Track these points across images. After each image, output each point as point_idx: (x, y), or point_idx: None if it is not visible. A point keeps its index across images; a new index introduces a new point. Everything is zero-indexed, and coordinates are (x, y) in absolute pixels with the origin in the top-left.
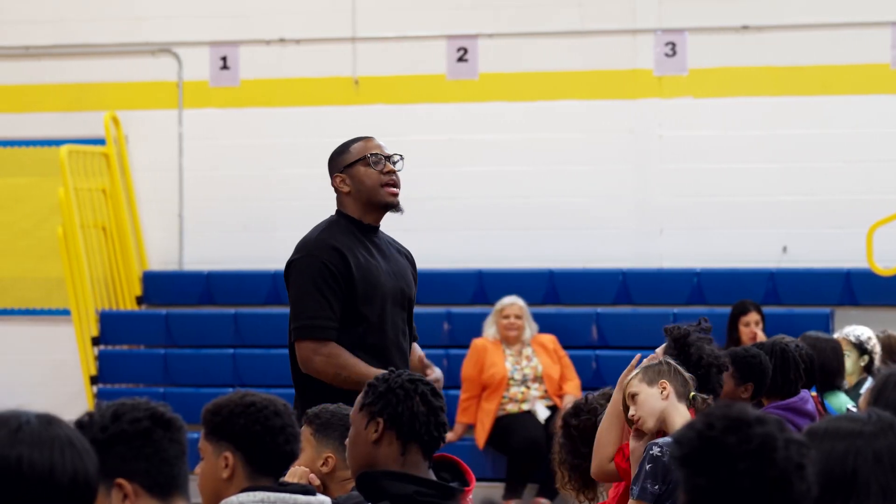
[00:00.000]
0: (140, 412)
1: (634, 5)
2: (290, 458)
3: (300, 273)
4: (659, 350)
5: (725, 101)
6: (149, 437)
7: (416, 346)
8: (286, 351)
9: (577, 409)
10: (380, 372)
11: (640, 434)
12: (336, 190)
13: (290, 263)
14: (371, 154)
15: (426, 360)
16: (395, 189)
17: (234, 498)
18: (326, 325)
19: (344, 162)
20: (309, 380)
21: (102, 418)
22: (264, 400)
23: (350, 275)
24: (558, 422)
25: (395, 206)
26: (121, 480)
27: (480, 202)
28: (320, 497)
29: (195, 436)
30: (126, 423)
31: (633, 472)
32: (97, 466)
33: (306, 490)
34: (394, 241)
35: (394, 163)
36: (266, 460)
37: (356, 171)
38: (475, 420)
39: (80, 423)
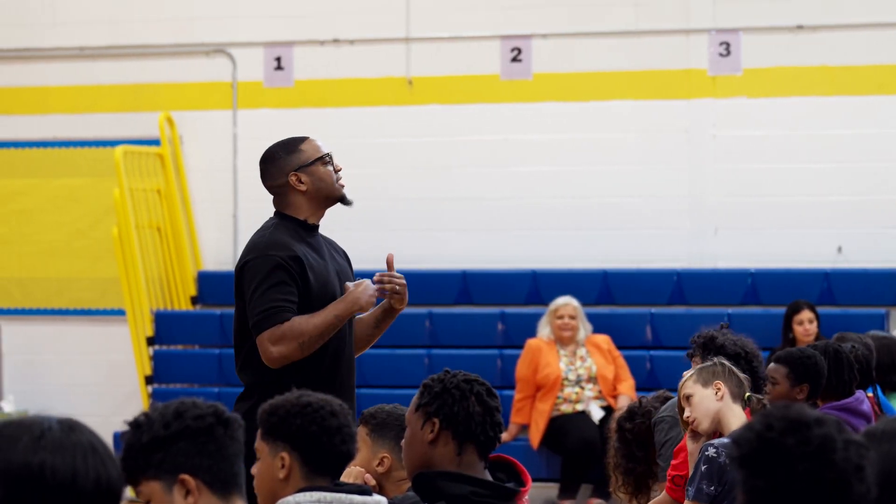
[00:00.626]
0: (203, 409)
1: (689, 5)
2: (347, 458)
3: (255, 272)
4: (687, 374)
5: (780, 101)
6: (211, 433)
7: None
8: None
9: (631, 412)
10: (328, 310)
11: (695, 435)
12: (282, 189)
13: (243, 265)
14: (327, 154)
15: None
16: (343, 184)
17: (290, 498)
18: (282, 307)
19: (300, 161)
20: (244, 375)
21: (164, 416)
22: (321, 400)
23: (305, 275)
24: (613, 425)
25: (346, 199)
26: (185, 476)
27: (534, 202)
28: (376, 497)
29: None
30: (190, 419)
31: (689, 472)
32: (120, 472)
33: (362, 490)
34: (329, 240)
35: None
36: (322, 460)
37: (315, 170)
38: (529, 420)
39: (135, 423)
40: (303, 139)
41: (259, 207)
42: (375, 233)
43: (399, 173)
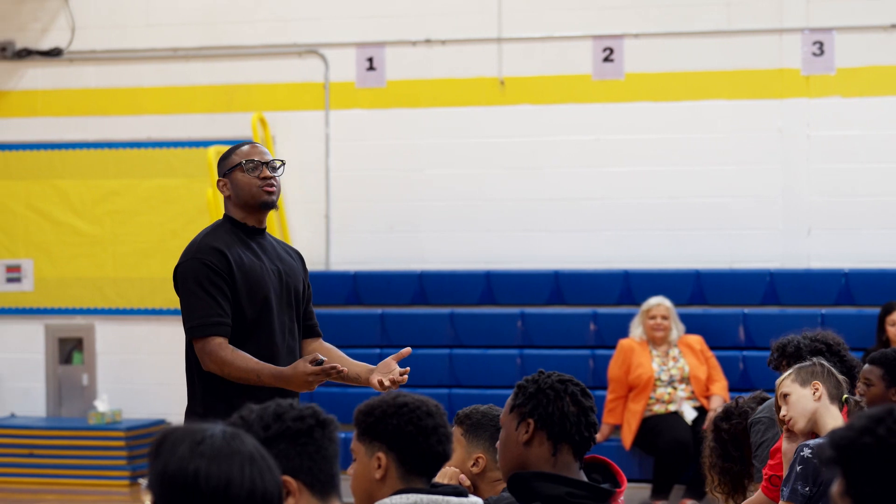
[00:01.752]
0: (302, 411)
1: (782, 5)
2: (443, 458)
3: (185, 278)
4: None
5: (874, 100)
6: (311, 435)
7: (326, 344)
8: (432, 350)
9: (727, 412)
10: (259, 370)
11: (791, 435)
12: (220, 192)
13: (175, 270)
14: (247, 161)
15: (359, 364)
16: (271, 189)
17: (386, 500)
18: (213, 321)
19: (225, 167)
20: (199, 377)
21: (263, 418)
22: (417, 400)
23: (232, 274)
24: (709, 426)
25: (269, 205)
26: (286, 478)
27: (627, 202)
28: (472, 498)
29: (343, 436)
30: (290, 421)
31: (784, 473)
32: (279, 484)
33: (458, 491)
34: (282, 242)
35: (273, 168)
36: (419, 461)
37: (234, 177)
38: (622, 421)
39: (231, 426)
40: (241, 144)
41: (351, 207)
42: (468, 233)
43: (491, 174)
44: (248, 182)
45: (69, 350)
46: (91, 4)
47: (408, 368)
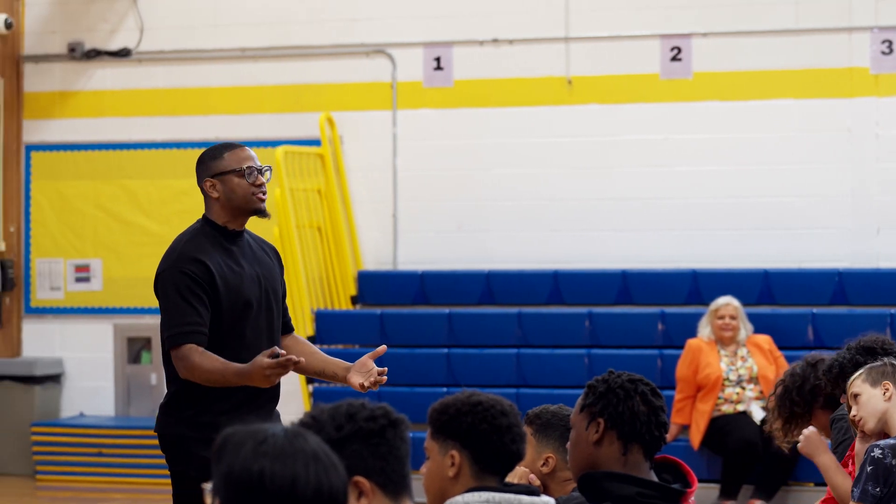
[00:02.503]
0: (373, 411)
1: (851, 3)
2: (517, 457)
3: (165, 285)
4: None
5: None
6: (383, 435)
7: (300, 338)
8: (501, 350)
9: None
10: (223, 369)
11: (864, 436)
12: (204, 193)
13: (157, 276)
14: (246, 167)
15: (330, 359)
16: (264, 195)
17: (459, 498)
18: (188, 329)
19: (217, 168)
20: (178, 384)
21: (335, 418)
22: (490, 399)
23: (213, 283)
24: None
25: (262, 212)
26: (359, 478)
27: (695, 202)
28: (544, 498)
29: (413, 435)
30: (361, 421)
31: (856, 473)
32: (345, 481)
33: (531, 491)
34: (258, 238)
35: (264, 175)
36: (492, 459)
37: (228, 180)
38: (690, 421)
39: (303, 426)
40: (231, 147)
41: (418, 207)
42: (535, 233)
43: (558, 173)
44: (243, 187)
45: (138, 349)
46: (160, 5)
47: (385, 368)
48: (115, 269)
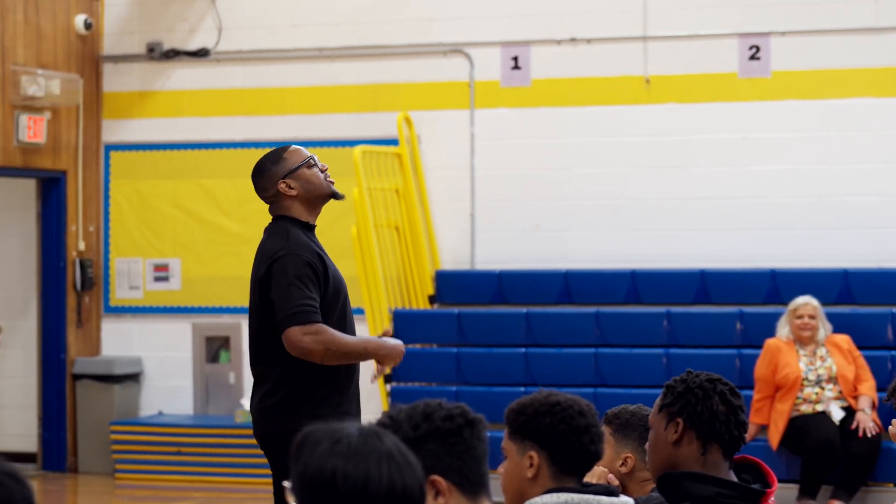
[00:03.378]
0: (451, 411)
1: None
2: (595, 457)
3: (284, 269)
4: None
5: None
6: (460, 434)
7: None
8: (579, 350)
9: None
10: (365, 341)
11: None
12: (276, 196)
13: (273, 262)
14: (311, 157)
15: None
16: (332, 181)
17: (538, 499)
18: (311, 309)
19: (286, 168)
20: (284, 368)
21: (412, 417)
22: (568, 399)
23: (326, 274)
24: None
25: (337, 194)
26: (436, 477)
27: (773, 201)
28: (623, 498)
29: (491, 435)
30: (438, 420)
31: None
32: (421, 480)
33: (610, 491)
34: None
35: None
36: (570, 460)
37: (301, 174)
38: (769, 421)
39: (381, 425)
40: (285, 148)
41: (496, 207)
42: (613, 232)
43: (636, 173)
44: (317, 175)
45: (216, 349)
46: (238, 5)
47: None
48: (194, 269)
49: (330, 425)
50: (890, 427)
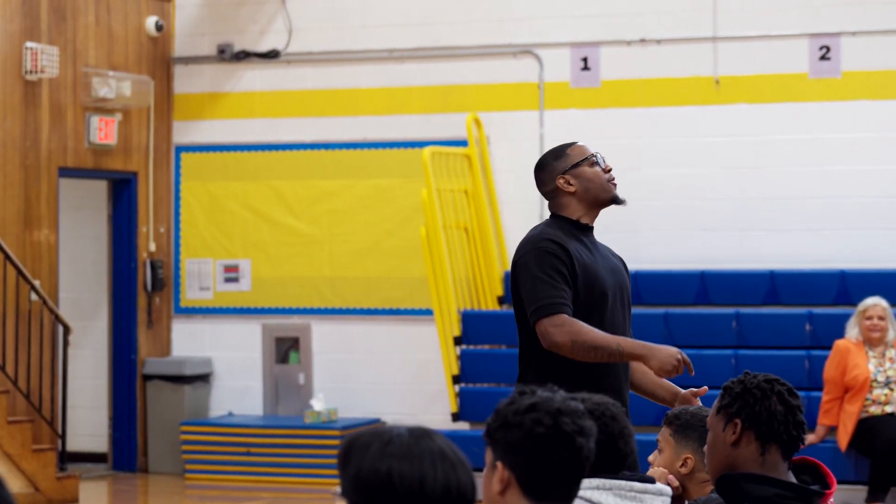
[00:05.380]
0: (547, 418)
1: None
2: (625, 458)
3: (528, 265)
4: None
5: None
6: (539, 442)
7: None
8: None
9: None
10: (621, 339)
11: None
12: (554, 193)
13: (514, 262)
14: (593, 155)
15: (662, 381)
16: (615, 183)
17: None
18: (558, 301)
19: (567, 163)
20: (532, 364)
21: (522, 404)
22: (600, 403)
23: (573, 266)
24: None
25: (618, 199)
26: (500, 463)
27: (845, 201)
28: (658, 485)
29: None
30: (529, 419)
31: None
32: (472, 478)
33: (643, 478)
34: (605, 245)
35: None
36: (605, 464)
37: (582, 171)
38: (837, 422)
39: (520, 392)
40: (570, 144)
41: None
42: (684, 232)
43: (707, 173)
44: (598, 175)
45: (286, 349)
46: (308, 6)
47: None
48: (264, 270)
49: (376, 428)
50: None
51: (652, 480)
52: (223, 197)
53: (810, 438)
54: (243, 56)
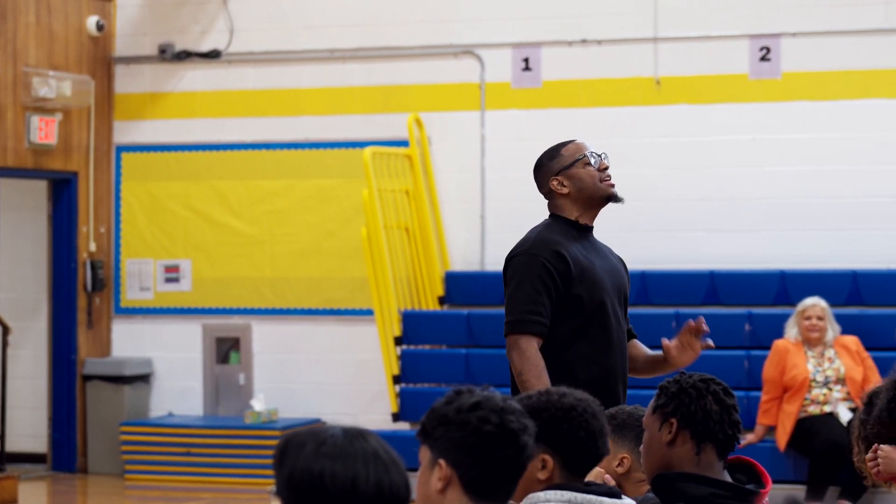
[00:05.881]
0: (493, 416)
1: None
2: (599, 459)
3: (516, 270)
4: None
5: None
6: (485, 440)
7: (640, 344)
8: None
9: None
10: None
11: None
12: (550, 194)
13: (508, 260)
14: (588, 153)
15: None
16: (612, 181)
17: (541, 494)
18: (532, 319)
19: (560, 164)
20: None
21: (465, 402)
22: (581, 402)
23: (569, 272)
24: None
25: (615, 197)
26: (442, 461)
27: (783, 202)
28: (626, 500)
29: None
30: (475, 417)
31: None
32: (406, 478)
33: (612, 492)
34: (605, 245)
35: (605, 160)
36: (582, 463)
37: (574, 173)
38: (776, 422)
39: (456, 392)
40: (565, 143)
41: (507, 208)
42: (624, 233)
43: (647, 173)
44: (591, 174)
45: (226, 350)
46: (250, 6)
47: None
48: (205, 270)
49: (312, 428)
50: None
51: (619, 494)
52: (164, 197)
53: (749, 438)
54: (184, 56)
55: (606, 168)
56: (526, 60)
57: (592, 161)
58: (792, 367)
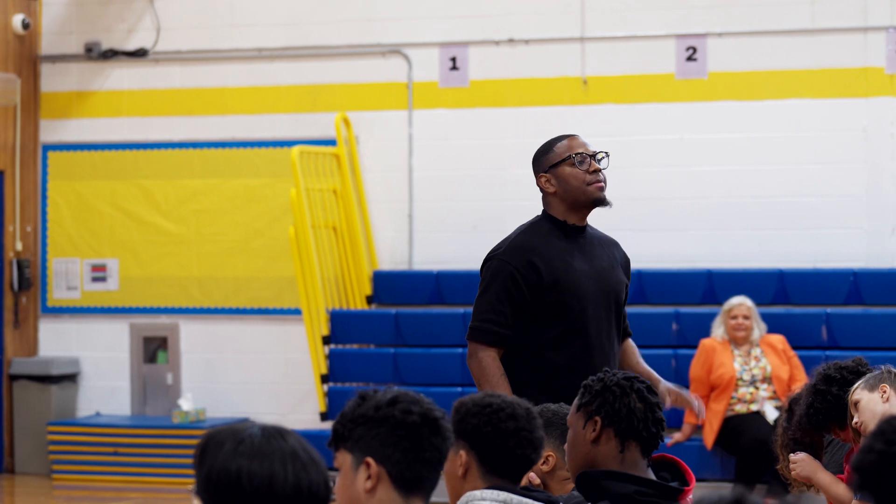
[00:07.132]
0: (414, 407)
1: (866, 4)
2: (525, 462)
3: (486, 275)
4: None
5: None
6: (412, 431)
7: (633, 346)
8: None
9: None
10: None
11: None
12: (541, 190)
13: (485, 261)
14: (576, 153)
15: (650, 371)
16: (601, 184)
17: (477, 493)
18: (489, 328)
19: (549, 162)
20: (527, 367)
21: (381, 399)
22: (504, 402)
23: (539, 281)
24: (785, 405)
25: (602, 201)
26: (369, 459)
27: (710, 202)
28: None
29: None
30: (398, 411)
31: None
32: (326, 477)
33: (550, 500)
34: (603, 237)
35: (598, 160)
36: (497, 462)
37: (561, 172)
38: (703, 421)
39: (362, 395)
40: (562, 138)
41: (434, 207)
42: None
43: None
44: (577, 176)
45: (154, 349)
46: (176, 5)
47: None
48: (132, 269)
49: (232, 426)
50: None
51: (557, 501)
52: (91, 196)
53: (676, 437)
54: (111, 55)
55: (597, 170)
56: (453, 60)
57: (580, 162)
58: (719, 365)
